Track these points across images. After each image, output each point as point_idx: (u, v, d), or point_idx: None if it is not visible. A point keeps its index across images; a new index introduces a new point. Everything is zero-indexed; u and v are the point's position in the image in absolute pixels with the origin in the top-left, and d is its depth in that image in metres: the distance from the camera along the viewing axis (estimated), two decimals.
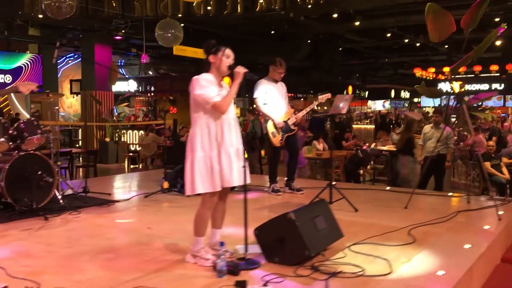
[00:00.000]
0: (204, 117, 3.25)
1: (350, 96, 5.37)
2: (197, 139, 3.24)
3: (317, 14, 12.85)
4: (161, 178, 6.33)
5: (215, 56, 3.32)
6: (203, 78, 3.26)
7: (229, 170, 3.27)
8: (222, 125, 3.29)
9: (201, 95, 3.20)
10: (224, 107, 3.24)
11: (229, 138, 3.31)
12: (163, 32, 8.78)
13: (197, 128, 3.26)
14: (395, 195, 6.04)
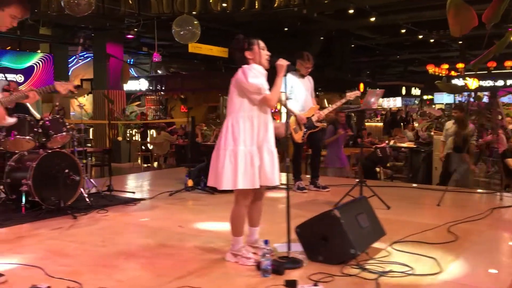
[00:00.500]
0: (248, 109, 3.14)
1: (381, 91, 5.27)
2: (239, 132, 3.11)
3: (332, 10, 12.69)
4: (185, 176, 6.25)
5: (252, 51, 3.19)
6: (256, 68, 3.15)
7: (271, 168, 3.17)
8: (265, 120, 3.20)
9: (255, 84, 3.07)
10: (273, 101, 3.15)
11: (271, 134, 3.22)
12: (180, 29, 8.68)
13: (240, 120, 3.12)
14: (422, 192, 5.95)
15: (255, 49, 3.19)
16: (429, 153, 9.07)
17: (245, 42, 3.20)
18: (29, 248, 3.62)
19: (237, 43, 3.22)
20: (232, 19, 12.75)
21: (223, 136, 3.18)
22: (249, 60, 3.19)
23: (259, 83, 3.08)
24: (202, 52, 10.93)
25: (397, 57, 22.16)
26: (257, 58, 3.19)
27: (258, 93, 3.09)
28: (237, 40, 3.22)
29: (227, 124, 3.19)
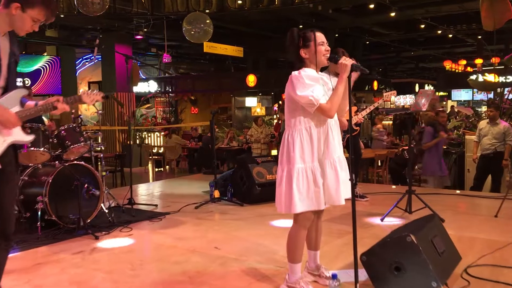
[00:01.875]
0: (304, 121, 2.69)
1: (432, 91, 4.80)
2: (296, 147, 2.68)
3: (351, 5, 12.21)
4: (209, 186, 5.78)
5: (307, 49, 2.71)
6: (307, 75, 2.65)
7: (336, 185, 2.70)
8: (326, 130, 2.73)
9: (305, 97, 2.60)
10: (333, 111, 2.66)
11: (333, 145, 2.75)
12: (191, 27, 8.20)
13: (296, 134, 2.70)
14: (470, 200, 5.47)
15: (311, 46, 2.71)
16: (460, 154, 8.56)
17: (300, 38, 2.73)
18: (51, 280, 3.17)
19: (291, 39, 2.74)
20: (245, 17, 12.33)
21: (280, 154, 2.78)
22: (304, 59, 2.73)
23: (310, 95, 2.60)
24: (217, 52, 10.48)
25: (411, 53, 21.60)
26: (313, 57, 2.72)
27: (311, 105, 2.62)
28: (291, 35, 2.74)
29: (283, 140, 2.77)
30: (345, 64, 2.65)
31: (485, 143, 7.33)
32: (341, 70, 2.67)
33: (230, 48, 10.27)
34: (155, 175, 12.74)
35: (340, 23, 15.69)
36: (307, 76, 2.65)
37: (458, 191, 6.26)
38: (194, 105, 18.79)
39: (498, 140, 7.14)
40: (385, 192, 6.01)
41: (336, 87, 2.69)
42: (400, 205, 4.65)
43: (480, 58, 17.08)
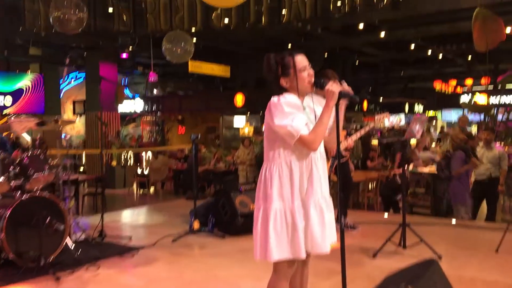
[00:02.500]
0: (284, 154, 2.34)
1: (426, 118, 4.50)
2: (273, 184, 2.32)
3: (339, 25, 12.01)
4: (189, 215, 5.38)
5: (288, 77, 2.38)
6: (287, 102, 2.31)
7: (321, 230, 2.34)
8: (310, 164, 2.37)
9: (284, 127, 2.26)
10: (316, 143, 2.30)
11: (318, 182, 2.39)
12: (171, 46, 7.87)
13: (274, 168, 2.34)
14: (467, 232, 5.12)
15: (291, 74, 2.38)
16: None
17: (278, 65, 2.38)
18: None
19: (268, 67, 2.40)
20: (233, 36, 12.08)
21: (257, 190, 2.42)
22: (285, 88, 2.39)
23: (289, 124, 2.26)
24: (202, 71, 10.18)
25: (400, 73, 21.53)
26: (295, 84, 2.38)
27: (290, 136, 2.27)
28: (267, 63, 2.40)
29: (260, 174, 2.41)
30: (332, 91, 2.31)
31: (479, 168, 7.05)
32: (327, 97, 2.33)
33: (217, 67, 9.98)
34: (139, 197, 12.30)
35: (329, 43, 15.53)
36: (287, 103, 2.30)
37: (454, 220, 5.91)
38: (181, 125, 18.43)
39: (493, 165, 6.89)
40: (377, 222, 5.66)
41: (321, 116, 2.33)
42: (394, 238, 4.30)
43: (470, 79, 16.96)
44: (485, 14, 7.15)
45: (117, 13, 8.50)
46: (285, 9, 7.97)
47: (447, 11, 12.19)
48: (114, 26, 8.50)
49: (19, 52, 14.30)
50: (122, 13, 8.45)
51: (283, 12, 8.07)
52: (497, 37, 7.40)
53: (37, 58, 15.05)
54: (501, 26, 7.29)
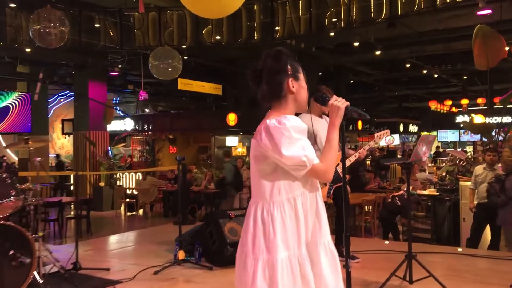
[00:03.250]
0: (286, 190, 1.89)
1: (434, 137, 4.15)
2: (277, 228, 1.86)
3: (333, 44, 11.81)
4: (174, 243, 4.95)
5: (297, 82, 1.95)
6: (294, 126, 1.85)
7: (335, 276, 1.92)
8: (315, 199, 1.95)
9: (296, 158, 1.82)
10: (331, 173, 1.89)
11: (326, 222, 1.98)
12: (158, 63, 7.52)
13: (275, 209, 1.88)
14: (476, 262, 4.73)
15: (300, 79, 1.97)
16: (455, 201, 7.89)
17: (290, 64, 1.94)
18: None
19: (277, 62, 1.93)
20: (225, 53, 11.83)
21: (250, 235, 1.91)
22: (288, 95, 1.95)
23: (302, 155, 1.83)
24: (193, 89, 9.85)
25: (395, 93, 21.39)
26: (300, 93, 1.96)
27: (301, 167, 1.85)
28: (278, 56, 1.93)
29: (254, 216, 1.92)
30: (337, 107, 1.91)
31: (482, 190, 6.68)
32: (332, 113, 1.93)
33: (208, 85, 9.64)
34: (127, 221, 11.85)
35: (324, 62, 15.35)
36: (293, 127, 1.85)
37: (460, 249, 5.52)
38: (173, 144, 18.04)
39: None
40: (378, 250, 5.25)
41: (329, 138, 1.91)
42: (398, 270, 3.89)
43: (466, 99, 16.78)
44: (485, 31, 6.89)
45: (104, 29, 8.17)
46: (279, 25, 7.69)
47: (442, 30, 12.10)
48: (100, 42, 8.16)
49: (6, 70, 13.97)
50: (108, 29, 8.12)
51: (277, 28, 7.81)
52: (498, 55, 7.14)
53: (24, 76, 14.70)
54: (502, 44, 7.03)
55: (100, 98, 13.57)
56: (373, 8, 6.75)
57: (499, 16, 9.42)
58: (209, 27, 7.84)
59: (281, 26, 7.69)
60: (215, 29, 7.89)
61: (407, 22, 10.86)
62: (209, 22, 7.76)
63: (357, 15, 6.94)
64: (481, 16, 8.72)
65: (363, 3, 6.84)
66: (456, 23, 11.09)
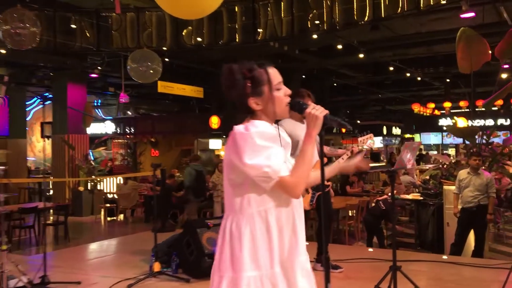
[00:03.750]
0: (257, 202, 1.72)
1: (418, 144, 4.03)
2: (244, 244, 1.70)
3: (319, 46, 11.70)
4: (150, 254, 4.75)
5: (260, 97, 1.78)
6: (259, 132, 1.70)
7: None
8: (292, 213, 1.78)
9: (258, 168, 1.66)
10: (299, 187, 1.70)
11: (302, 238, 1.80)
12: (137, 65, 7.30)
13: (244, 222, 1.73)
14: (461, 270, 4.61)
15: (264, 92, 1.78)
16: (438, 206, 7.82)
17: (246, 81, 1.77)
18: None
19: (231, 82, 1.79)
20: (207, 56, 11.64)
21: (218, 250, 1.77)
22: (255, 111, 1.80)
23: (264, 165, 1.66)
24: (173, 92, 9.64)
25: (379, 96, 21.43)
26: (270, 107, 1.79)
27: (266, 179, 1.68)
28: (230, 76, 1.79)
29: (223, 229, 1.77)
30: (315, 116, 1.73)
31: (466, 195, 6.63)
32: (309, 123, 1.75)
33: (188, 88, 9.43)
34: (107, 226, 11.60)
35: (307, 65, 15.26)
36: (260, 134, 1.70)
37: (445, 257, 5.41)
38: (155, 148, 17.74)
39: (481, 193, 6.50)
40: (361, 259, 5.11)
41: (303, 150, 1.73)
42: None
43: (448, 102, 16.84)
44: (469, 34, 6.83)
45: (80, 30, 7.93)
46: (261, 27, 7.54)
47: (425, 33, 12.09)
48: (76, 43, 7.91)
49: None
50: (85, 30, 7.88)
51: (259, 30, 7.65)
52: (482, 58, 7.08)
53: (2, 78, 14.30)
54: (486, 47, 6.98)
55: (80, 100, 13.31)
56: (356, 11, 6.65)
57: (482, 20, 9.42)
58: (189, 29, 7.65)
59: (263, 28, 7.54)
60: (196, 30, 7.71)
61: (390, 25, 10.82)
62: (189, 24, 7.57)
63: (340, 18, 6.82)
64: (464, 19, 8.69)
65: (346, 5, 6.72)
66: (439, 26, 11.07)
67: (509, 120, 16.00)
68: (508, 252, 7.48)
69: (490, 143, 7.90)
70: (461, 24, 7.60)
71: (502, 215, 8.89)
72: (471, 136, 7.28)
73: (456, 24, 8.62)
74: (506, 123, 15.87)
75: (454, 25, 9.13)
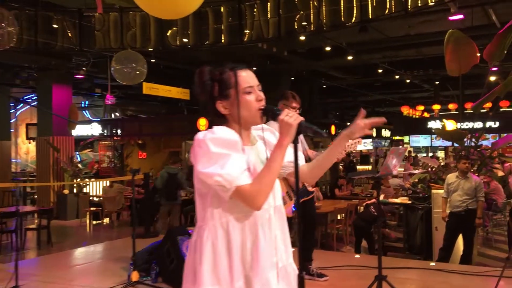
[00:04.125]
0: (219, 213, 1.63)
1: (404, 149, 3.91)
2: (204, 257, 1.60)
3: (307, 48, 11.59)
4: (127, 263, 4.58)
5: (228, 101, 1.69)
6: (214, 138, 1.61)
7: None
8: (256, 227, 1.65)
9: (210, 176, 1.57)
10: (261, 199, 1.58)
11: (268, 251, 1.66)
12: (121, 67, 7.12)
13: (206, 234, 1.62)
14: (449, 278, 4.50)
15: (231, 96, 1.69)
16: (427, 210, 7.74)
17: (214, 83, 1.70)
18: None
19: (200, 86, 1.71)
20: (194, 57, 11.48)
21: (185, 263, 1.71)
22: (224, 116, 1.72)
23: (216, 173, 1.55)
24: (159, 94, 9.47)
25: (368, 98, 21.41)
26: (237, 111, 1.68)
27: (221, 188, 1.57)
28: (200, 79, 1.71)
29: (191, 242, 1.71)
30: (289, 123, 1.60)
31: (455, 199, 6.56)
32: (282, 130, 1.62)
33: (174, 89, 9.24)
34: (92, 230, 11.40)
35: (296, 66, 15.18)
36: (215, 140, 1.59)
37: (433, 263, 5.30)
38: (142, 150, 17.52)
39: (469, 197, 6.44)
40: (348, 266, 4.98)
41: (271, 158, 1.61)
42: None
43: (437, 104, 16.83)
44: (457, 37, 6.75)
45: (62, 29, 7.73)
46: (247, 28, 7.40)
47: (414, 35, 12.05)
48: (58, 43, 7.71)
49: None
50: (67, 30, 7.68)
51: (246, 31, 7.51)
52: (470, 61, 7.01)
53: None
54: (474, 49, 6.90)
55: (65, 102, 13.09)
56: (343, 12, 6.53)
57: (471, 22, 9.37)
58: (174, 29, 7.49)
59: (249, 29, 7.40)
60: (181, 31, 7.54)
61: (379, 27, 10.76)
62: (174, 24, 7.41)
63: (327, 19, 6.70)
64: (453, 22, 8.64)
65: (333, 7, 6.60)
66: (428, 28, 11.04)
67: (498, 123, 16.00)
68: (497, 257, 7.42)
69: (478, 146, 7.84)
70: (450, 27, 7.53)
71: (491, 218, 8.84)
72: (460, 139, 7.20)
73: (445, 27, 8.57)
74: (494, 125, 15.87)
75: (443, 27, 9.09)
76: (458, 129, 7.75)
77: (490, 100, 7.32)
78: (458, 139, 7.16)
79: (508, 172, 12.55)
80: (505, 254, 7.26)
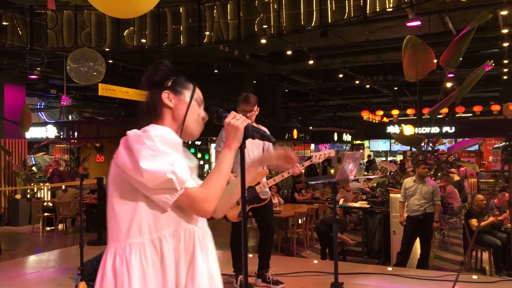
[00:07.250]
0: (151, 228, 1.43)
1: (361, 154, 3.87)
2: (133, 283, 1.39)
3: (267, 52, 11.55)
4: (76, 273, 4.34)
5: (177, 96, 1.56)
6: (159, 135, 1.42)
7: None
8: (193, 245, 1.49)
9: (160, 174, 1.37)
10: (211, 204, 1.44)
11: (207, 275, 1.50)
12: (77, 66, 6.82)
13: (133, 255, 1.42)
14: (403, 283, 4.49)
15: (182, 95, 1.57)
16: (385, 214, 7.80)
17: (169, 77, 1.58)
18: None
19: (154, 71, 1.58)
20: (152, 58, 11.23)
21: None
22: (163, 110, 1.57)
23: (168, 170, 1.37)
24: (116, 96, 9.16)
25: (329, 102, 21.62)
26: (182, 109, 1.56)
27: (168, 190, 1.39)
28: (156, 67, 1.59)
29: (103, 266, 1.46)
30: (235, 127, 1.50)
31: (413, 203, 6.63)
32: (228, 134, 1.52)
33: (132, 91, 8.97)
34: (45, 236, 10.94)
35: (258, 70, 15.14)
36: (162, 137, 1.42)
37: (390, 268, 5.30)
38: (100, 153, 17.02)
39: (427, 201, 6.54)
40: (305, 272, 4.91)
41: (220, 162, 1.49)
42: None
43: (396, 109, 17.16)
44: (415, 42, 6.83)
45: (12, 27, 7.36)
46: (207, 30, 7.26)
47: (374, 41, 12.22)
48: (7, 41, 7.34)
49: None
50: (17, 27, 7.32)
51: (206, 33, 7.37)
52: (427, 67, 7.11)
53: None
54: (431, 55, 7.00)
55: (18, 103, 12.58)
56: (303, 16, 6.49)
57: (428, 29, 9.56)
58: (130, 29, 7.26)
59: (209, 31, 7.26)
60: (138, 31, 7.32)
61: (339, 32, 10.85)
62: (131, 24, 7.18)
63: (287, 23, 6.65)
64: (411, 28, 8.78)
65: (293, 11, 6.56)
66: (387, 35, 11.21)
67: (454, 128, 16.44)
68: (453, 259, 7.55)
69: (435, 151, 7.97)
70: (408, 33, 7.64)
71: (447, 222, 9.02)
72: (417, 143, 7.28)
73: (403, 33, 8.70)
74: (451, 131, 16.29)
75: (401, 34, 9.24)
76: (416, 134, 7.85)
77: (447, 105, 7.45)
78: (415, 143, 7.25)
79: (463, 177, 12.90)
80: (460, 257, 7.39)
